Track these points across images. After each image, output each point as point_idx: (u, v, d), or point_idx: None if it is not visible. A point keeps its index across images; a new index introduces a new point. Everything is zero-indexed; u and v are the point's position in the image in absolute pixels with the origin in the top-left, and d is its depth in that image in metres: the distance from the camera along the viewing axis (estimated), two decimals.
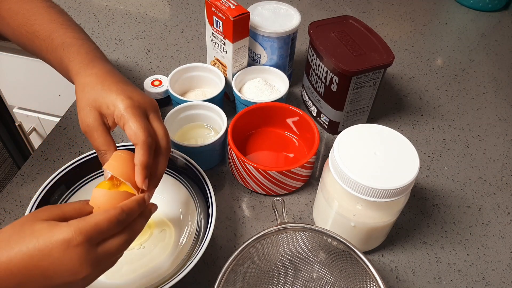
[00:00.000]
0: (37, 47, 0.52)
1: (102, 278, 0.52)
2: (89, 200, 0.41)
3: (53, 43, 0.50)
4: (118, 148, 0.46)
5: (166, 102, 0.74)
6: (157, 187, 0.61)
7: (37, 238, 0.34)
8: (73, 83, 0.48)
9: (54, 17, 0.52)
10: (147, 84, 0.72)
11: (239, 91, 0.71)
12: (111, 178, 0.44)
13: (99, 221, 0.36)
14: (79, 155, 0.65)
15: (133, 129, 0.43)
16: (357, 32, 0.69)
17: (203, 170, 0.58)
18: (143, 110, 0.45)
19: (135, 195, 0.42)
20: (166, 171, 0.61)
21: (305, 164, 0.60)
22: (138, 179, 0.43)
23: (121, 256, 0.40)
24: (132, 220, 0.40)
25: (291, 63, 0.77)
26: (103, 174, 0.60)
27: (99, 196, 0.41)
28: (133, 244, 0.54)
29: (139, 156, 0.43)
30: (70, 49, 0.49)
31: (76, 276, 0.34)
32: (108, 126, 0.46)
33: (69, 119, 0.72)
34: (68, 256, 0.33)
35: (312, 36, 0.68)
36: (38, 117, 1.16)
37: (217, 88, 0.69)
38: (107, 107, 0.44)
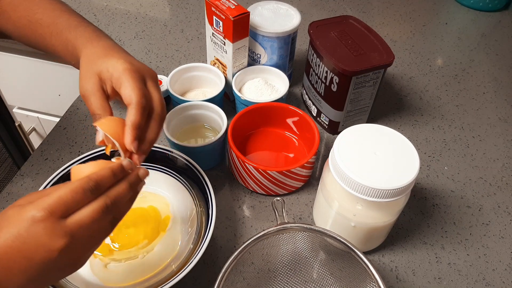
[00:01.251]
0: (40, 36, 0.53)
1: (101, 276, 0.52)
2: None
3: (57, 27, 0.51)
4: None
5: (166, 102, 0.73)
6: (157, 187, 0.61)
7: (8, 221, 0.34)
8: (78, 62, 0.49)
9: (57, 6, 0.54)
10: None
11: (239, 91, 0.71)
12: (101, 143, 0.43)
13: (62, 193, 0.35)
14: (79, 155, 0.65)
15: (127, 90, 0.43)
16: (357, 32, 0.69)
17: (203, 170, 0.58)
18: (141, 75, 0.46)
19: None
20: (166, 171, 0.61)
21: (305, 164, 0.60)
22: (128, 138, 0.42)
23: (107, 229, 0.38)
24: (108, 188, 0.38)
25: (291, 63, 0.77)
26: None
27: (79, 171, 0.39)
28: (137, 253, 0.54)
29: (131, 116, 0.42)
30: (77, 29, 0.50)
31: (51, 251, 0.34)
32: (107, 94, 0.46)
33: (69, 119, 0.72)
34: (34, 232, 0.33)
35: (312, 36, 0.68)
36: (38, 117, 1.16)
37: (217, 88, 0.69)
38: (107, 70, 0.45)
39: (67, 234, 0.34)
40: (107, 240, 0.55)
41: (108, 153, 0.44)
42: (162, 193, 0.61)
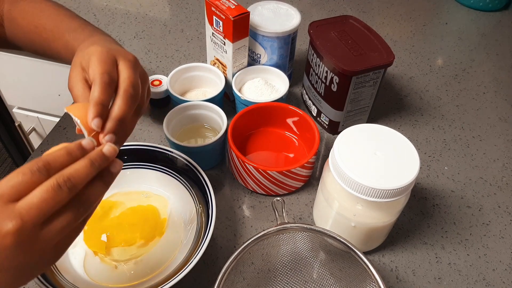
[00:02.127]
0: (44, 40, 0.54)
1: (101, 276, 0.52)
2: None
3: (59, 30, 0.52)
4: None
5: (166, 102, 0.73)
6: (157, 187, 0.61)
7: None
8: None
9: (61, 11, 0.55)
10: None
11: (239, 91, 0.71)
12: (78, 131, 0.41)
13: (10, 176, 0.33)
14: None
15: (91, 69, 0.42)
16: (357, 32, 0.69)
17: (203, 170, 0.58)
18: (111, 55, 0.44)
19: None
20: (166, 171, 0.61)
21: (305, 164, 0.59)
22: (89, 116, 0.39)
23: (70, 213, 0.34)
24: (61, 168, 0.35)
25: (291, 63, 0.77)
26: None
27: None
28: (137, 253, 0.54)
29: (93, 92, 0.40)
30: (76, 31, 0.51)
31: (2, 236, 0.31)
32: (90, 83, 0.44)
33: (69, 119, 0.72)
34: None
35: (312, 36, 0.68)
36: (37, 117, 1.16)
37: (217, 88, 0.69)
38: (84, 59, 0.44)
39: (16, 216, 0.32)
40: (103, 237, 0.55)
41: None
42: (162, 193, 0.61)
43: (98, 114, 0.39)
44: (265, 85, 0.71)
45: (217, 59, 0.72)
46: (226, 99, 0.76)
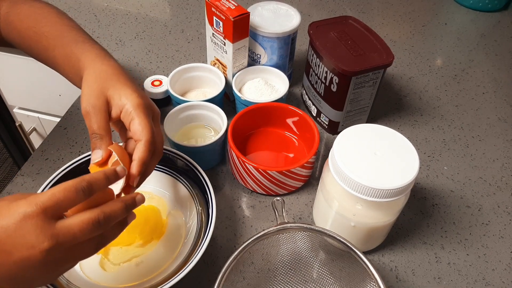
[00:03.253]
0: (43, 47, 0.53)
1: (101, 277, 0.52)
2: None
3: (63, 40, 0.52)
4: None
5: (166, 102, 0.74)
6: (157, 187, 0.62)
7: None
8: (77, 75, 0.50)
9: (65, 21, 0.55)
10: (147, 84, 0.72)
11: (239, 91, 0.71)
12: (101, 162, 0.44)
13: (55, 191, 0.34)
14: (79, 155, 0.65)
15: (141, 126, 0.44)
16: (357, 32, 0.69)
17: (203, 170, 0.58)
18: (151, 112, 0.47)
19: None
20: (166, 171, 0.61)
21: (305, 164, 0.60)
22: (134, 172, 0.43)
23: (91, 248, 0.38)
24: (101, 198, 0.38)
25: (291, 63, 0.77)
26: None
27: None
28: (136, 253, 0.55)
29: (140, 152, 0.44)
30: (84, 44, 0.51)
31: (34, 249, 0.33)
32: (113, 119, 0.47)
33: (70, 119, 0.72)
34: (23, 227, 0.33)
35: (312, 36, 0.68)
36: (38, 117, 1.16)
37: (217, 88, 0.69)
38: (120, 99, 0.46)
39: (53, 236, 0.34)
40: None
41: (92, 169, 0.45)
42: (162, 193, 0.61)
43: (141, 173, 0.44)
44: (265, 85, 0.71)
45: (217, 60, 0.72)
46: (226, 99, 0.76)
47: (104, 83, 0.46)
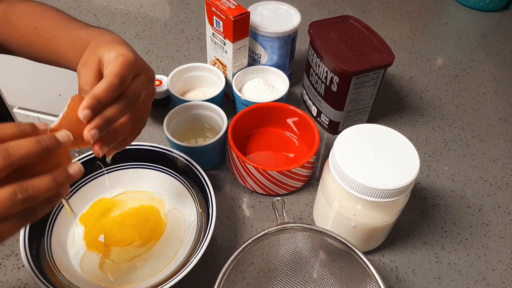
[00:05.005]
0: (45, 40, 0.53)
1: (101, 277, 0.52)
2: None
3: (67, 29, 0.51)
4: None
5: (166, 102, 0.74)
6: (157, 187, 0.61)
7: None
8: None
9: (65, 15, 0.54)
10: None
11: (239, 91, 0.71)
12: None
13: None
14: (79, 155, 0.65)
15: (111, 66, 0.40)
16: (358, 32, 0.69)
17: (203, 170, 0.58)
18: (137, 67, 0.42)
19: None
20: (166, 171, 0.61)
21: (305, 164, 0.60)
22: (82, 105, 0.37)
23: (19, 222, 0.33)
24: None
25: (291, 63, 0.77)
26: (102, 175, 0.60)
27: None
28: (136, 253, 0.55)
29: (97, 87, 0.38)
30: (88, 28, 0.50)
31: None
32: (102, 76, 0.42)
33: None
34: None
35: (312, 36, 0.68)
36: (38, 117, 1.16)
37: (217, 88, 0.69)
38: (109, 54, 0.42)
39: None
40: (101, 238, 0.55)
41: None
42: (162, 193, 0.61)
43: (91, 107, 0.37)
44: (265, 85, 0.71)
45: (217, 59, 0.72)
46: (226, 99, 0.76)
47: (100, 48, 0.44)
